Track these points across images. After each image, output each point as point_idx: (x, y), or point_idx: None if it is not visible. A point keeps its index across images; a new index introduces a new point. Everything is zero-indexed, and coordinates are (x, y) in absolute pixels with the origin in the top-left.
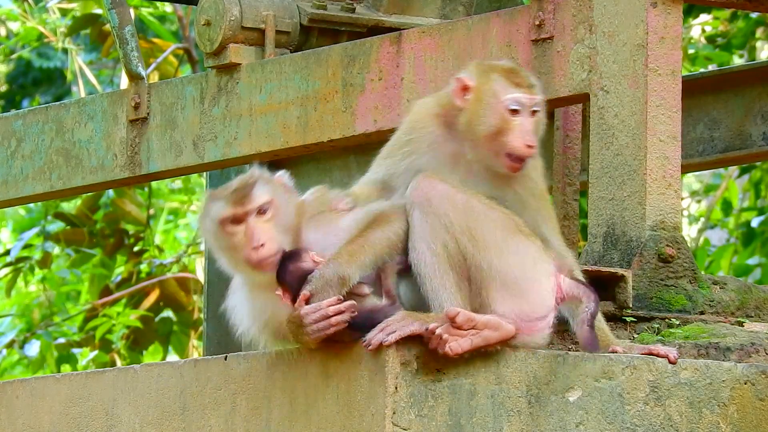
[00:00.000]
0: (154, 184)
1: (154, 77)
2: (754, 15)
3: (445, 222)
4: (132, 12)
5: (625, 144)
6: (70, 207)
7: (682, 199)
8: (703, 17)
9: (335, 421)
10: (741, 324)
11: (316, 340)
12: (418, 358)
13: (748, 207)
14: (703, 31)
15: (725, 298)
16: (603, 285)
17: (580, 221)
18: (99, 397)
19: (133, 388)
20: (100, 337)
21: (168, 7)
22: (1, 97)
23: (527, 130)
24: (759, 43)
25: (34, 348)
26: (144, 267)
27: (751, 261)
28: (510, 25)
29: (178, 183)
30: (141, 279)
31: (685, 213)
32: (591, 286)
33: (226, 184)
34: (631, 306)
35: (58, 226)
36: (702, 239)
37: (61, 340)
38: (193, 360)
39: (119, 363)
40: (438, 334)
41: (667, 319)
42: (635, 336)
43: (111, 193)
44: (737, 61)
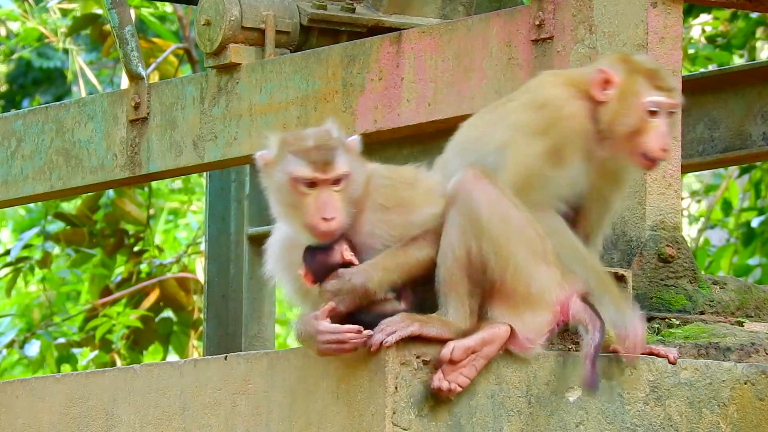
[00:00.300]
0: (154, 184)
1: (154, 77)
2: (754, 15)
3: (477, 228)
4: (132, 12)
5: None
6: (70, 207)
7: (682, 199)
8: (703, 17)
9: (335, 421)
10: (741, 324)
11: (324, 354)
12: (418, 358)
13: (748, 207)
14: (703, 31)
15: (725, 298)
16: None
17: None
18: (99, 397)
19: (133, 388)
20: (100, 337)
21: (168, 7)
22: (1, 97)
23: (663, 132)
24: (759, 43)
25: (34, 348)
26: (144, 267)
27: (751, 261)
28: (510, 25)
29: (178, 183)
30: (141, 279)
31: (685, 213)
32: (598, 313)
33: (300, 134)
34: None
35: (58, 226)
36: (702, 239)
37: (61, 340)
38: (193, 360)
39: (119, 363)
40: (443, 388)
41: (667, 319)
42: None
43: (111, 193)
44: (737, 61)
